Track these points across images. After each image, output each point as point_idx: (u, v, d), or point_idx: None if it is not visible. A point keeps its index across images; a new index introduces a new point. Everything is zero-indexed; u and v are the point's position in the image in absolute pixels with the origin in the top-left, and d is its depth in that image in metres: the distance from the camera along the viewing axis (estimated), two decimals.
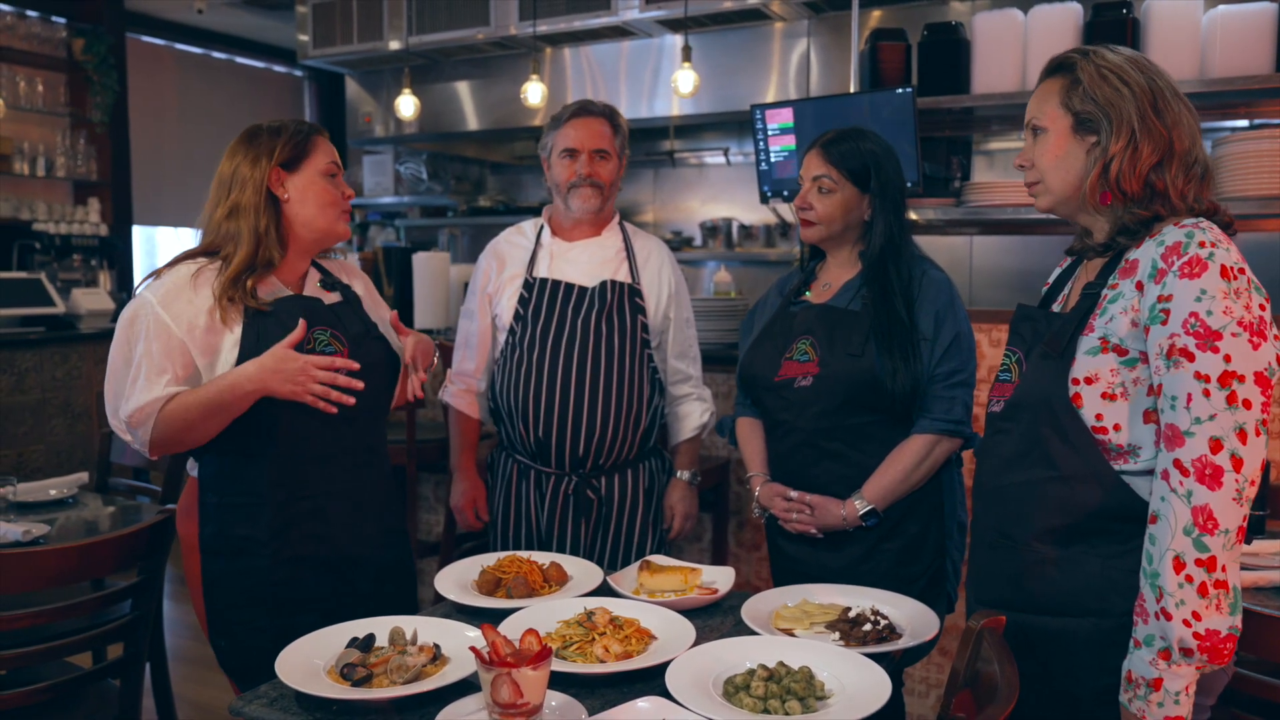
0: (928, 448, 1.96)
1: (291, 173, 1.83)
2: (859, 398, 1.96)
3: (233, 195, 1.80)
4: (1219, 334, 1.29)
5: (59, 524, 2.39)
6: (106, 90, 6.00)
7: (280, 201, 1.82)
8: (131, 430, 1.73)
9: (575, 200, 2.30)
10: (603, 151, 2.30)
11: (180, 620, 3.86)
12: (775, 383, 2.04)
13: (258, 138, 1.83)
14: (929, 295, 1.98)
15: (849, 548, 2.00)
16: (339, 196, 1.88)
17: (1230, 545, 1.28)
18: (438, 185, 6.58)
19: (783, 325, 2.09)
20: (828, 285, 2.09)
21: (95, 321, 5.21)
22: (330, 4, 5.63)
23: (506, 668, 1.20)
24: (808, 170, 2.06)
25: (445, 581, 1.78)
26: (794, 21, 4.85)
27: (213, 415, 1.70)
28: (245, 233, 1.78)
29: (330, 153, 1.89)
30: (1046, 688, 1.44)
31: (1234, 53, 3.09)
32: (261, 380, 1.68)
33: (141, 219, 6.53)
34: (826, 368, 1.97)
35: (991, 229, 4.13)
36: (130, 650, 2.00)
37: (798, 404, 2.00)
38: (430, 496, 3.94)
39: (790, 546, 2.08)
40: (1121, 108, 1.41)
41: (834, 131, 2.08)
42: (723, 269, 4.33)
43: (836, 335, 1.98)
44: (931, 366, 1.95)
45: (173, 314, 1.73)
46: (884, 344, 1.94)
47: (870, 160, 2.01)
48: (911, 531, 2.00)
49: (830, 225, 2.03)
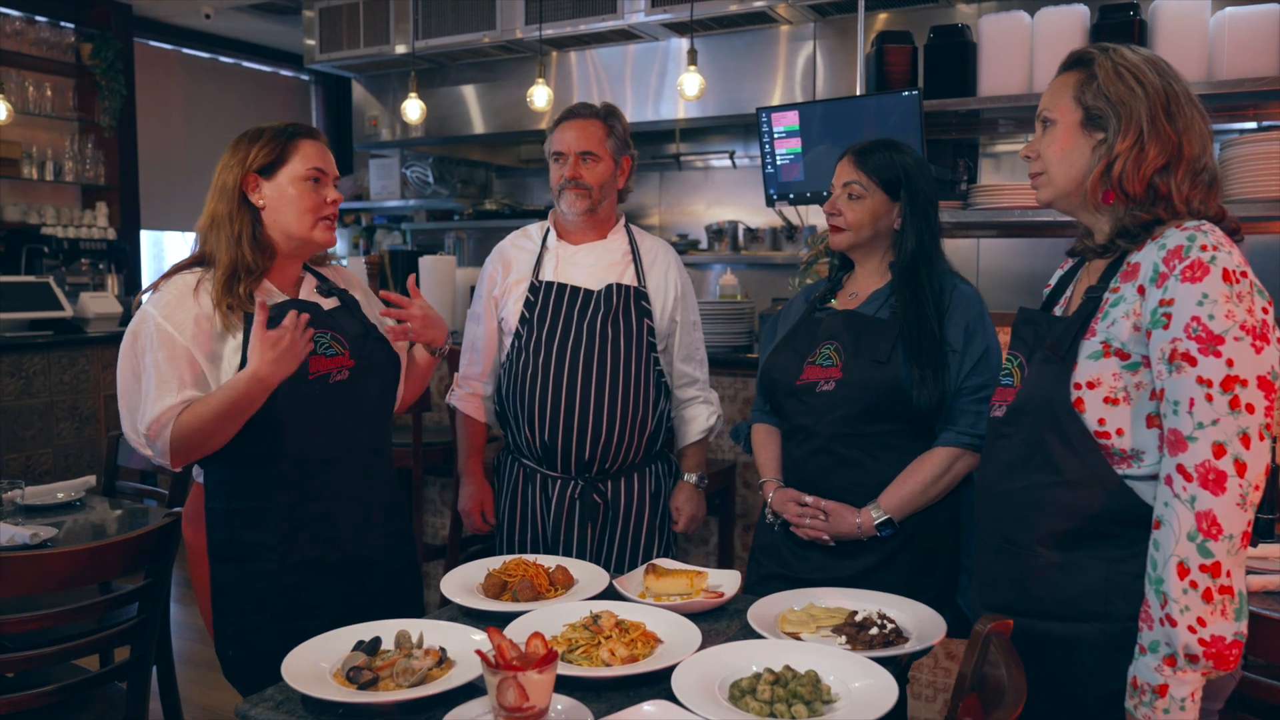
0: (949, 461, 1.93)
1: (268, 178, 1.80)
2: (881, 405, 1.93)
3: (212, 204, 1.80)
4: (1221, 338, 1.28)
5: (66, 527, 2.39)
6: (114, 95, 6.02)
7: (257, 208, 1.80)
8: (151, 443, 1.73)
9: (563, 203, 2.31)
10: (590, 154, 2.30)
11: (187, 623, 3.87)
12: (797, 386, 2.01)
13: (240, 143, 1.82)
14: (959, 308, 1.96)
15: (862, 556, 1.97)
16: (318, 203, 1.82)
17: (1235, 550, 1.27)
18: (444, 189, 6.59)
19: (807, 331, 2.07)
20: (855, 294, 2.07)
21: (103, 325, 5.23)
22: (337, 8, 5.65)
23: (512, 671, 1.20)
24: (839, 177, 2.05)
25: (451, 585, 1.78)
26: (800, 24, 4.85)
27: (230, 419, 1.70)
28: (223, 242, 1.78)
29: (313, 157, 1.83)
30: (1052, 693, 1.43)
31: (1242, 54, 3.08)
32: (264, 372, 1.65)
33: (149, 223, 6.54)
34: (850, 373, 1.95)
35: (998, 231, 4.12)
36: (137, 653, 2.00)
37: (819, 409, 1.98)
38: (436, 500, 3.94)
39: (798, 555, 2.03)
40: (1133, 107, 1.40)
41: (867, 141, 2.07)
42: (729, 272, 4.32)
43: (863, 341, 1.96)
44: (959, 380, 1.92)
45: (175, 323, 1.73)
46: (913, 353, 1.91)
47: (900, 169, 2.00)
48: (926, 544, 1.96)
49: (859, 231, 2.02)
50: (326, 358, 1.81)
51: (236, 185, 1.79)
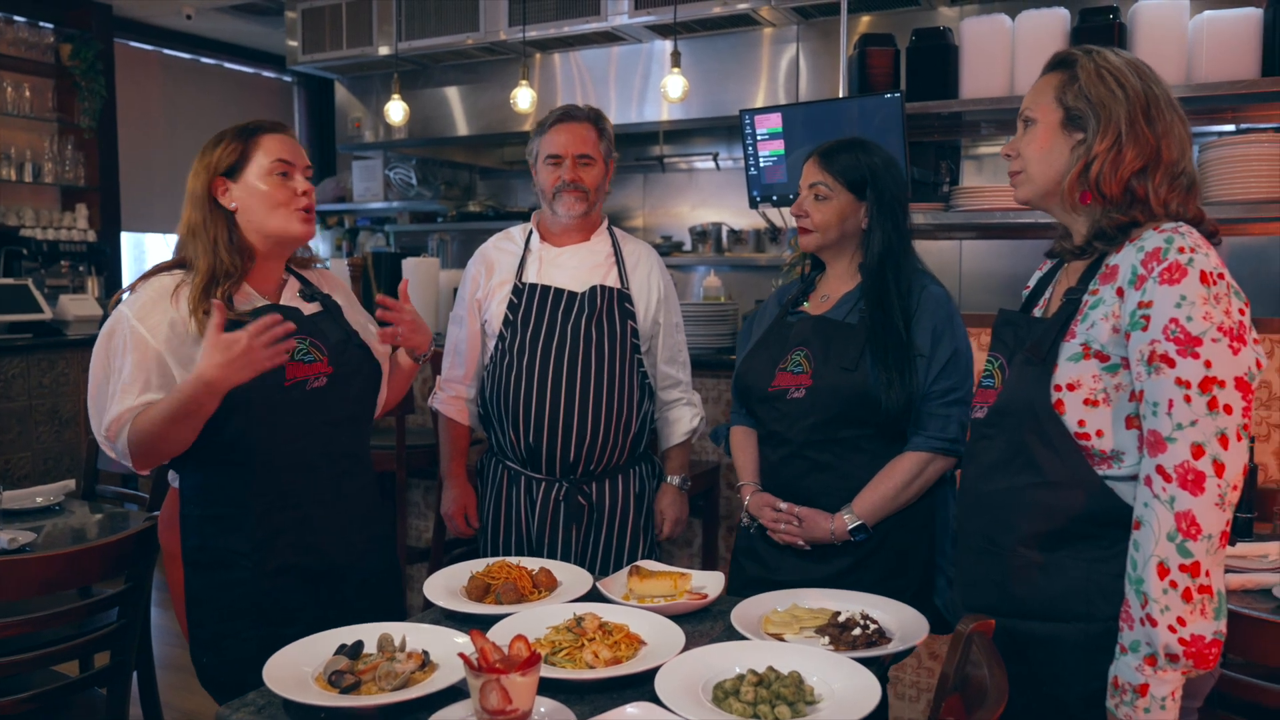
0: (920, 466, 1.95)
1: (235, 179, 1.78)
2: (851, 411, 1.95)
3: (188, 213, 1.79)
4: (1199, 340, 1.29)
5: (46, 531, 2.38)
6: (94, 96, 5.97)
7: (230, 211, 1.79)
8: (111, 444, 1.72)
9: (560, 206, 2.31)
10: (587, 157, 2.30)
11: (167, 628, 3.84)
12: (769, 393, 2.03)
13: (205, 149, 1.80)
14: (927, 310, 1.97)
15: (837, 559, 1.98)
16: (289, 195, 1.79)
17: (1214, 550, 1.28)
18: (427, 190, 6.57)
19: (779, 336, 2.08)
20: (826, 297, 2.09)
21: (83, 328, 5.18)
22: (319, 9, 5.62)
23: (495, 674, 1.19)
24: (805, 178, 2.06)
25: (434, 587, 1.77)
26: (783, 27, 4.87)
27: (178, 422, 1.65)
28: (201, 249, 1.76)
29: (277, 149, 1.79)
30: (1034, 693, 1.44)
31: (1220, 57, 3.10)
32: (210, 376, 1.59)
33: (130, 225, 6.49)
34: (820, 380, 1.97)
35: (981, 233, 4.14)
36: (117, 658, 1.99)
37: (790, 415, 2.00)
38: (420, 503, 3.93)
39: (775, 557, 2.05)
40: (1112, 109, 1.41)
41: (833, 141, 2.08)
42: (712, 274, 4.33)
43: (831, 348, 1.98)
44: (927, 383, 1.94)
45: (149, 326, 1.71)
46: (879, 357, 1.92)
47: (866, 169, 2.01)
48: (900, 545, 1.98)
49: (826, 232, 2.03)
50: (304, 364, 1.79)
51: (205, 191, 1.77)
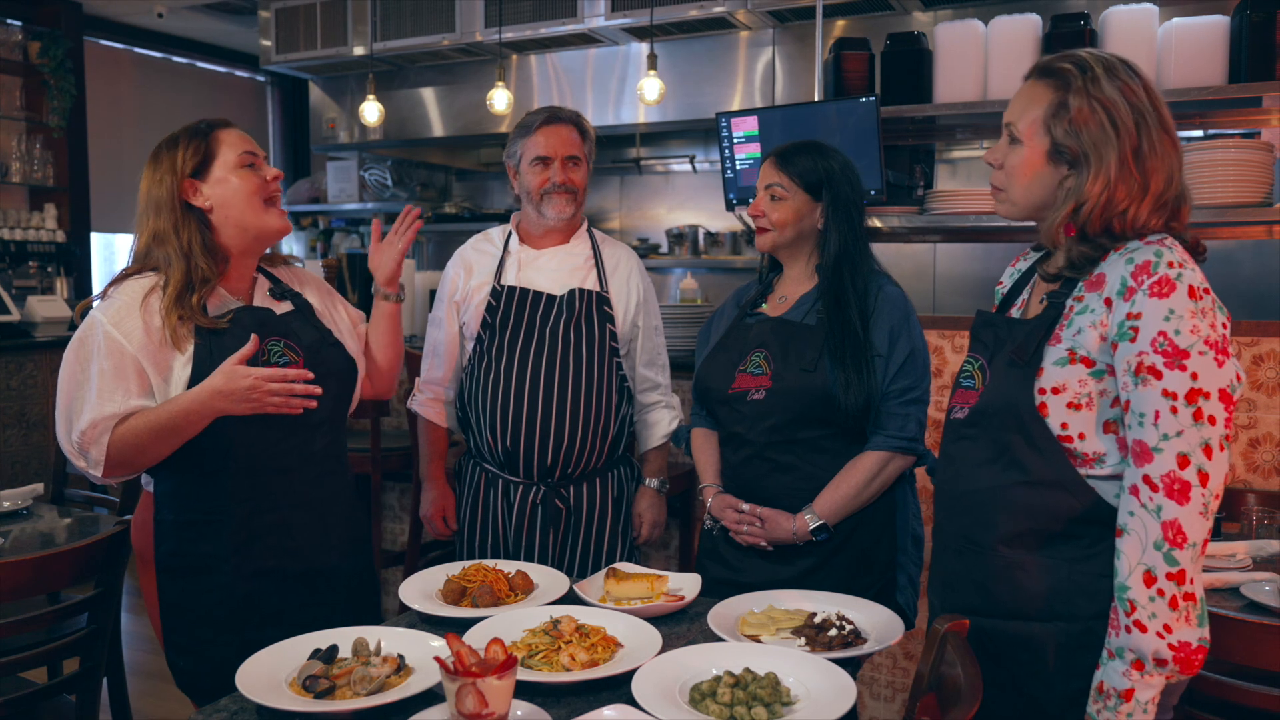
0: (880, 465, 1.97)
1: (204, 178, 1.76)
2: (811, 412, 1.96)
3: (150, 223, 1.75)
4: (1186, 353, 1.31)
5: (14, 536, 2.34)
6: (64, 94, 5.89)
7: (203, 212, 1.76)
8: (83, 452, 1.68)
9: (550, 208, 2.30)
10: (574, 158, 2.30)
11: (138, 633, 3.79)
12: (729, 395, 2.04)
13: (159, 155, 1.77)
14: (884, 311, 1.99)
15: (799, 560, 2.00)
16: (261, 184, 1.79)
17: (1197, 558, 1.31)
18: (402, 192, 6.53)
19: (738, 337, 2.09)
20: (784, 298, 2.10)
21: (51, 330, 5.11)
22: (294, 9, 5.58)
23: (471, 678, 1.19)
24: (763, 179, 2.09)
25: (410, 591, 1.76)
26: (759, 30, 4.88)
27: (164, 438, 1.66)
28: (173, 257, 1.73)
29: (239, 143, 1.79)
30: (1014, 693, 1.45)
31: (1189, 64, 3.15)
32: (212, 403, 1.63)
33: (100, 225, 6.41)
34: (780, 381, 1.98)
35: (954, 236, 4.18)
36: (87, 665, 1.96)
37: (750, 417, 2.01)
38: (395, 505, 3.90)
39: (740, 558, 2.06)
40: (1104, 153, 1.39)
41: (791, 143, 2.10)
42: (689, 276, 4.34)
43: (790, 349, 1.99)
44: (885, 383, 1.96)
45: (124, 331, 1.69)
46: (837, 357, 1.94)
47: (822, 171, 2.03)
48: (863, 545, 2.00)
49: (782, 231, 2.05)
50: (280, 367, 1.78)
51: (174, 195, 1.74)
